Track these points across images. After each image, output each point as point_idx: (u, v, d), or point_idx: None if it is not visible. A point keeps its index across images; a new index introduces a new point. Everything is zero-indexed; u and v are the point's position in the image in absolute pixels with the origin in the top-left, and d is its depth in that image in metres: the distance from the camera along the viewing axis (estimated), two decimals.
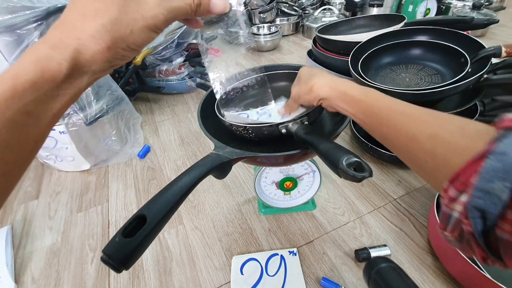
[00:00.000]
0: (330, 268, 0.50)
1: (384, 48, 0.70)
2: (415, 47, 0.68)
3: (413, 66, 0.67)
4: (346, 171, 0.27)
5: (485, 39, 1.36)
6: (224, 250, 0.54)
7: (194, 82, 1.07)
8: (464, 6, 1.47)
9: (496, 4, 1.59)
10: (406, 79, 0.65)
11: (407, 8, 1.49)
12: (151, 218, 0.26)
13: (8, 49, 0.55)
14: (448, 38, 0.64)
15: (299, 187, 0.56)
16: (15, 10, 0.54)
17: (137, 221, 0.26)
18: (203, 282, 0.50)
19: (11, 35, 0.54)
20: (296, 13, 1.63)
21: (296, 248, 0.53)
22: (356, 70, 0.65)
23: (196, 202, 0.65)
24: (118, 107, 0.76)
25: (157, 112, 1.01)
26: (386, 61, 0.71)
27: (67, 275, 0.53)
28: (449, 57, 0.62)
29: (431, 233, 0.51)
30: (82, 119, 0.67)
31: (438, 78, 0.62)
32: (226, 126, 0.44)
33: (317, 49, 0.92)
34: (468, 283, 0.43)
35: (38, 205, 0.68)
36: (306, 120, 0.41)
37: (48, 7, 0.57)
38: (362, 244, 0.53)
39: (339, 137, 0.81)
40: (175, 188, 0.32)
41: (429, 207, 0.59)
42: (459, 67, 0.58)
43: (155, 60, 1.00)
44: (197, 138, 0.86)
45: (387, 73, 0.69)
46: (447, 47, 0.62)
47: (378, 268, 0.29)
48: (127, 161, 0.79)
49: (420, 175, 0.26)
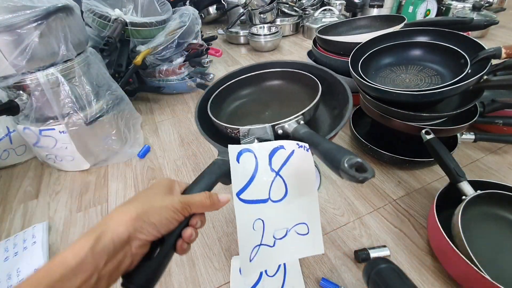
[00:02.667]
0: (330, 268, 0.50)
1: (384, 49, 0.70)
2: (415, 48, 0.68)
3: (413, 67, 0.67)
4: (348, 171, 0.26)
5: (485, 40, 1.36)
6: (224, 251, 0.54)
7: (194, 82, 1.07)
8: (464, 7, 1.47)
9: (496, 6, 1.59)
10: (406, 80, 0.65)
11: (407, 9, 1.49)
12: (167, 236, 0.26)
13: (8, 49, 0.55)
14: (448, 39, 0.64)
15: None
16: (15, 10, 0.54)
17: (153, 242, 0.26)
18: (202, 282, 0.50)
19: (11, 34, 0.54)
20: (297, 14, 1.64)
21: None
22: (356, 71, 0.65)
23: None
24: (118, 107, 0.76)
25: (157, 112, 1.01)
26: (386, 62, 0.71)
27: None
28: (449, 58, 0.62)
29: (430, 234, 0.51)
30: (82, 119, 0.67)
31: (438, 79, 0.62)
32: (220, 129, 0.44)
33: (317, 49, 0.92)
34: (468, 284, 0.43)
35: (38, 204, 0.68)
36: (302, 119, 0.40)
37: (48, 7, 0.57)
38: (362, 245, 0.53)
39: (340, 138, 0.81)
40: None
41: (428, 208, 0.59)
42: (459, 68, 0.58)
43: (155, 60, 1.00)
44: (197, 138, 0.86)
45: (387, 74, 0.69)
46: (447, 48, 0.62)
47: (378, 268, 0.29)
48: (127, 161, 0.79)
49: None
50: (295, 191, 0.36)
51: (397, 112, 0.59)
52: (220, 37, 1.69)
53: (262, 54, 1.43)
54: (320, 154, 0.32)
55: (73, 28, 0.63)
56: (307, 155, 0.36)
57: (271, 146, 0.36)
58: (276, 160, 0.36)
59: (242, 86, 0.59)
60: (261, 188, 0.35)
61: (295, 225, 0.36)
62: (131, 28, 0.95)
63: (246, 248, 0.32)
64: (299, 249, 0.36)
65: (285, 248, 0.35)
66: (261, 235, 0.34)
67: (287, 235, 0.36)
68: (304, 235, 0.36)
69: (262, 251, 0.33)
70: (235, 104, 0.58)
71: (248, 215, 0.33)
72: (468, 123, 0.59)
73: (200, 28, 1.11)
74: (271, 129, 0.40)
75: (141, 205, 0.25)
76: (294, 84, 0.57)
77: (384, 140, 0.68)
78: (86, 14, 0.92)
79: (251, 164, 0.34)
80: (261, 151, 0.35)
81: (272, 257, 0.34)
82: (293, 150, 0.36)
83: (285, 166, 0.36)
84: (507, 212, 0.51)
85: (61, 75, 0.62)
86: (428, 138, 0.55)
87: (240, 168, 0.33)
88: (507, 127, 0.68)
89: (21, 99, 0.62)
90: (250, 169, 0.34)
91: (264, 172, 0.35)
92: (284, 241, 0.35)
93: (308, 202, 0.37)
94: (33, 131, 0.66)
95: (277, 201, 0.35)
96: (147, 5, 1.05)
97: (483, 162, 0.70)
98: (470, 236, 0.44)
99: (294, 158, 0.36)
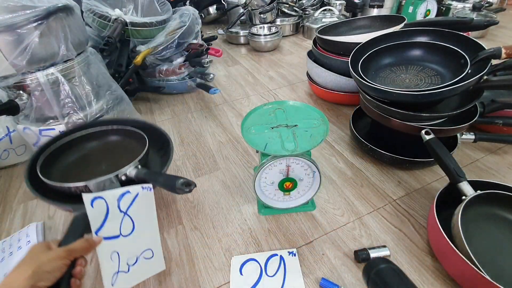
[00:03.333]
0: (330, 268, 0.50)
1: (384, 49, 0.70)
2: (415, 48, 0.68)
3: (413, 67, 0.67)
4: (182, 189, 0.41)
5: (485, 41, 1.36)
6: (224, 251, 0.54)
7: (194, 82, 1.07)
8: (464, 8, 1.47)
9: (496, 6, 1.59)
10: (406, 80, 0.65)
11: (407, 9, 1.49)
12: (61, 279, 0.34)
13: (8, 49, 0.55)
14: (448, 39, 0.64)
15: (299, 187, 0.56)
16: (15, 10, 0.54)
17: None
18: (202, 282, 0.50)
19: (11, 34, 0.54)
20: (297, 14, 1.64)
21: (295, 249, 0.53)
22: (356, 71, 0.65)
23: (195, 202, 0.65)
24: (118, 107, 0.76)
25: (157, 112, 1.01)
26: (386, 62, 0.71)
27: None
28: (449, 58, 0.62)
29: (430, 234, 0.51)
30: (82, 119, 0.67)
31: (437, 79, 0.62)
32: (62, 190, 0.47)
33: (317, 49, 0.92)
34: (467, 284, 0.43)
35: (38, 204, 0.68)
36: (139, 164, 0.50)
37: (48, 7, 0.57)
38: (362, 245, 0.53)
39: (340, 138, 0.81)
40: None
41: (428, 208, 0.59)
42: (459, 69, 0.58)
43: (155, 60, 1.00)
44: (197, 138, 0.86)
45: (387, 74, 0.69)
46: (447, 48, 0.62)
47: (378, 269, 0.29)
48: None
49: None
50: (140, 225, 0.45)
51: (397, 112, 0.59)
52: (220, 37, 1.69)
53: (262, 54, 1.43)
54: (161, 184, 0.45)
55: (73, 28, 0.63)
56: (149, 194, 0.45)
57: (119, 192, 0.43)
58: (123, 202, 0.43)
59: (70, 147, 0.60)
60: (113, 226, 0.42)
61: (143, 252, 0.46)
62: (131, 28, 0.95)
63: (107, 276, 0.41)
64: (147, 270, 0.47)
65: (137, 271, 0.45)
66: (118, 264, 0.43)
67: (137, 261, 0.45)
68: (149, 259, 0.47)
69: (120, 276, 0.43)
70: (66, 162, 0.58)
71: (106, 248, 0.41)
72: (468, 123, 0.59)
73: (200, 28, 1.11)
74: (116, 178, 0.48)
75: (33, 263, 0.32)
76: (123, 138, 0.64)
77: (384, 140, 0.68)
78: (86, 14, 0.92)
79: (103, 208, 0.41)
80: (110, 197, 0.42)
81: (128, 280, 0.44)
82: (138, 193, 0.44)
83: (131, 206, 0.44)
84: (507, 212, 0.51)
85: (61, 75, 0.62)
86: (428, 138, 0.55)
87: (94, 212, 0.40)
88: (507, 127, 0.68)
89: (21, 99, 0.62)
90: (102, 211, 0.41)
91: (114, 213, 0.42)
92: (136, 266, 0.45)
93: (150, 231, 0.47)
94: (33, 131, 0.66)
95: (127, 235, 0.44)
96: (147, 5, 1.05)
97: (483, 162, 0.70)
98: (470, 236, 0.44)
99: (139, 198, 0.45)
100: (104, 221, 0.41)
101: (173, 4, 1.15)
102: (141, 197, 0.45)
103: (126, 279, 0.44)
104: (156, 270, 0.49)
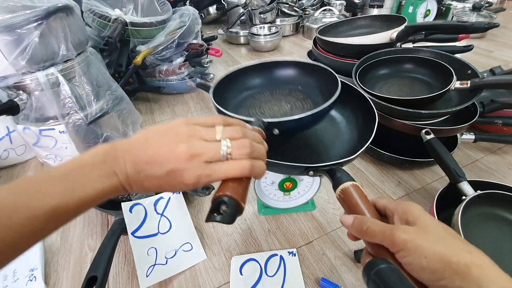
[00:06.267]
0: (330, 268, 0.50)
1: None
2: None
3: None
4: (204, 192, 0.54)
5: (485, 41, 1.36)
6: (224, 251, 0.54)
7: (194, 82, 1.07)
8: (464, 8, 1.47)
9: (496, 6, 1.59)
10: None
11: (407, 9, 1.49)
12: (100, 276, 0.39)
13: (8, 49, 0.55)
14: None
15: (299, 187, 0.56)
16: (15, 10, 0.54)
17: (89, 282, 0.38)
18: (202, 282, 0.50)
19: (11, 34, 0.54)
20: (297, 14, 1.64)
21: (295, 249, 0.53)
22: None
23: (195, 202, 0.65)
24: (118, 107, 0.76)
25: (157, 112, 1.01)
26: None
27: (66, 275, 0.53)
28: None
29: None
30: (82, 119, 0.67)
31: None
32: None
33: (317, 50, 0.92)
34: None
35: None
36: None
37: (48, 7, 0.57)
38: (362, 245, 0.53)
39: None
40: (110, 246, 0.46)
41: (428, 208, 0.59)
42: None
43: (155, 60, 1.00)
44: None
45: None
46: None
47: (378, 269, 0.29)
48: None
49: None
50: (176, 223, 0.53)
51: (397, 111, 0.59)
52: (220, 37, 1.69)
53: (262, 54, 1.43)
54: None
55: (73, 28, 0.63)
56: (179, 197, 0.55)
57: (154, 198, 0.53)
58: (159, 206, 0.53)
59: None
60: (152, 226, 0.51)
61: (181, 245, 0.53)
62: (131, 28, 0.95)
63: (142, 268, 0.48)
64: (188, 261, 0.52)
65: (176, 263, 0.51)
66: (155, 258, 0.50)
67: (176, 254, 0.52)
68: (189, 251, 0.53)
69: (157, 268, 0.49)
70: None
71: (141, 246, 0.50)
72: (468, 123, 0.59)
73: (200, 28, 1.11)
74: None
75: None
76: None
77: (384, 140, 0.68)
78: (86, 14, 0.92)
79: (142, 212, 0.51)
80: (147, 203, 0.52)
81: (165, 271, 0.50)
82: (170, 197, 0.54)
83: (166, 208, 0.53)
84: (507, 212, 0.51)
85: (61, 75, 0.62)
86: (428, 138, 0.55)
87: (133, 216, 0.50)
88: (507, 127, 0.68)
89: (21, 99, 0.62)
90: (141, 215, 0.51)
91: (151, 215, 0.52)
92: (175, 258, 0.52)
93: (186, 227, 0.54)
94: (33, 131, 0.66)
95: (165, 232, 0.52)
96: (147, 5, 1.05)
97: (483, 162, 0.70)
98: (470, 236, 0.44)
99: (171, 202, 0.54)
100: (142, 223, 0.50)
101: (173, 4, 1.15)
102: (173, 200, 0.54)
103: (164, 270, 0.50)
104: (198, 260, 0.53)
